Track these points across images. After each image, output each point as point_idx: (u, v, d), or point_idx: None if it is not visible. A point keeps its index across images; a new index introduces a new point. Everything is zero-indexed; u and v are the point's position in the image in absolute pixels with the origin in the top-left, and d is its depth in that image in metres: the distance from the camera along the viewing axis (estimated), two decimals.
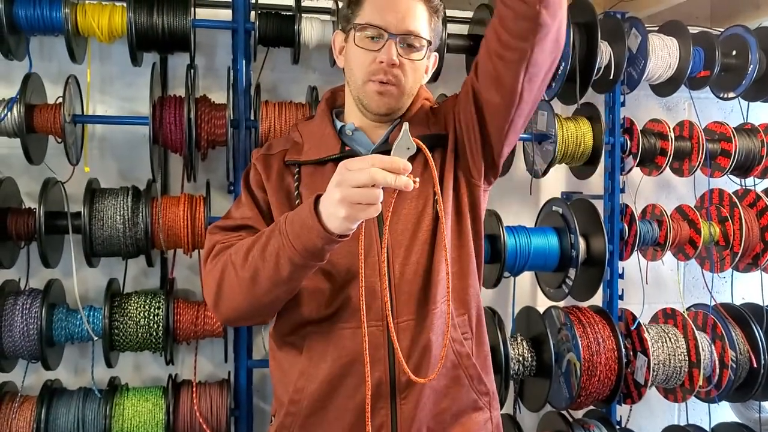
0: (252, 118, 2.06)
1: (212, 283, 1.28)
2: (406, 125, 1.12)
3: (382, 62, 1.28)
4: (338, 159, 1.32)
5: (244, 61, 2.05)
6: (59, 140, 1.93)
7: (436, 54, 1.42)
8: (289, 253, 1.16)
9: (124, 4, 1.94)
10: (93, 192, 1.97)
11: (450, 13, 2.20)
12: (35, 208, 1.90)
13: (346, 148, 1.36)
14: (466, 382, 1.36)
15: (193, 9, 2.00)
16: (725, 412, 2.68)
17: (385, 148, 1.33)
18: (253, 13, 2.07)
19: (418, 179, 1.08)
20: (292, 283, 1.23)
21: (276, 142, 1.47)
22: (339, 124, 1.40)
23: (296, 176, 1.37)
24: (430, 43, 1.32)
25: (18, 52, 1.97)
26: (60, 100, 1.91)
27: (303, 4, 2.10)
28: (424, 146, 1.19)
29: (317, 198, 1.13)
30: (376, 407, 1.30)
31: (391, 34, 1.27)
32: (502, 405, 2.13)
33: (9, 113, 1.87)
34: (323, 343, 1.32)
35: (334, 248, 1.16)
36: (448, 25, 2.13)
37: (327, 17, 2.15)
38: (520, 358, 2.20)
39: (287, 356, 1.37)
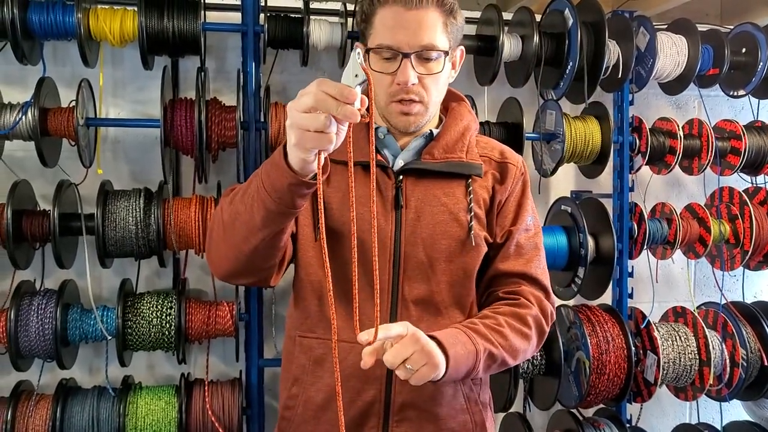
0: (262, 119, 2.08)
1: (208, 232, 1.26)
2: (355, 51, 1.03)
3: (400, 84, 1.25)
4: (367, 165, 1.30)
5: (253, 64, 2.07)
6: (73, 143, 1.97)
7: (462, 48, 1.38)
8: (262, 195, 1.12)
9: (135, 9, 1.96)
10: (106, 194, 2.00)
11: None
12: (50, 210, 1.93)
13: (378, 157, 1.34)
14: (470, 428, 1.37)
15: (202, 12, 2.03)
16: (737, 410, 2.67)
17: (415, 165, 1.34)
18: (262, 15, 2.09)
19: (366, 113, 1.00)
20: (266, 231, 1.16)
21: None
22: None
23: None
24: (447, 52, 1.28)
25: (32, 57, 2.00)
26: (73, 103, 1.94)
27: (311, 6, 2.12)
28: (371, 77, 1.04)
29: None
30: (367, 425, 1.32)
31: (405, 54, 1.24)
32: (511, 403, 2.15)
33: (24, 117, 1.90)
34: (322, 351, 1.33)
35: (303, 194, 1.11)
36: None
37: (335, 19, 2.16)
38: (530, 357, 2.20)
39: (290, 352, 1.39)
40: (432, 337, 1.16)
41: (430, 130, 1.37)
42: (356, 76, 1.00)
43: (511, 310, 1.32)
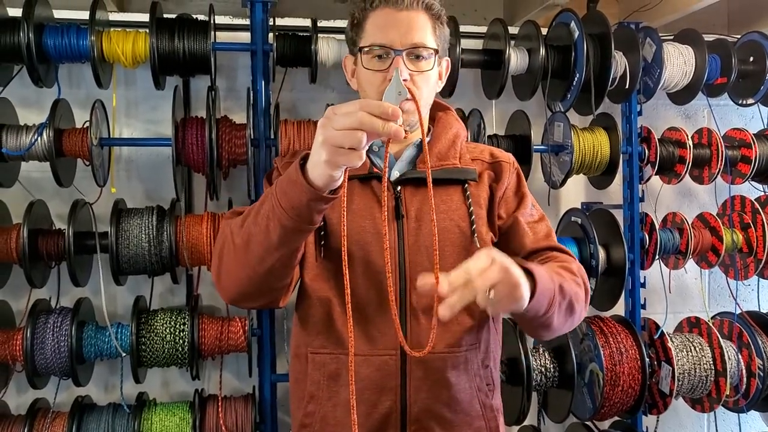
0: (272, 137, 2.10)
1: (215, 257, 1.27)
2: (396, 71, 1.06)
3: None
4: (364, 178, 1.33)
5: (263, 82, 2.10)
6: (87, 163, 2.00)
7: (448, 59, 1.42)
8: (278, 213, 1.12)
9: (147, 31, 2.00)
10: (119, 212, 2.03)
11: (464, 28, 2.23)
12: (65, 229, 1.96)
13: (374, 169, 1.36)
14: None
15: (212, 32, 2.06)
16: (756, 422, 2.63)
17: (411, 174, 1.35)
18: (271, 34, 2.12)
19: (408, 129, 1.02)
20: (283, 250, 1.17)
21: (300, 151, 1.43)
22: None
23: None
24: (437, 51, 1.32)
25: (47, 79, 2.04)
26: (87, 124, 1.97)
27: (319, 24, 2.15)
28: (415, 93, 1.08)
29: (307, 155, 1.09)
30: None
31: (397, 51, 1.27)
32: (525, 416, 2.13)
33: (39, 138, 1.94)
34: (335, 366, 1.33)
35: (322, 209, 1.12)
36: (463, 40, 2.17)
37: (343, 36, 2.18)
38: (543, 369, 2.19)
39: (301, 371, 1.39)
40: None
41: (420, 139, 1.38)
42: (399, 93, 1.04)
43: (558, 263, 1.31)
